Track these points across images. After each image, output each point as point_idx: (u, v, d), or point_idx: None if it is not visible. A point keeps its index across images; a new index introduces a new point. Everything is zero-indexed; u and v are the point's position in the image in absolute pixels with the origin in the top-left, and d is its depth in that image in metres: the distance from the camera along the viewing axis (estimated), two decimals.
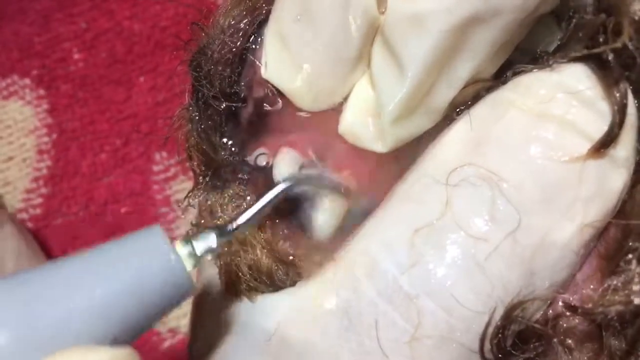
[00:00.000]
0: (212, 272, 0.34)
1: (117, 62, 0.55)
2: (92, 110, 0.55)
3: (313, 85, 0.28)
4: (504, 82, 0.27)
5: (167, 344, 0.54)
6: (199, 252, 0.25)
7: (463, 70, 0.26)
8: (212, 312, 0.33)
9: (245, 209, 0.27)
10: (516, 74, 0.26)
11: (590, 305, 0.25)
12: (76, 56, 0.55)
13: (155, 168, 0.55)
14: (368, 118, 0.28)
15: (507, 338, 0.25)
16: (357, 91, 0.29)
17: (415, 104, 0.27)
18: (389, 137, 0.27)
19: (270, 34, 0.29)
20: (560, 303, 0.26)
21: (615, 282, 0.25)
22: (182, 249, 0.25)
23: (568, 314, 0.25)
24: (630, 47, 0.24)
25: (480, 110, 0.27)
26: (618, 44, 0.24)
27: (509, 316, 0.24)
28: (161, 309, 0.25)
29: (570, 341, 0.26)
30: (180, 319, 0.54)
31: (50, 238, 0.54)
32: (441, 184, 0.26)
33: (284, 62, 0.28)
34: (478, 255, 0.25)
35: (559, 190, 0.25)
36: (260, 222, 0.30)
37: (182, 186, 0.55)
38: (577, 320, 0.26)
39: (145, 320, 0.24)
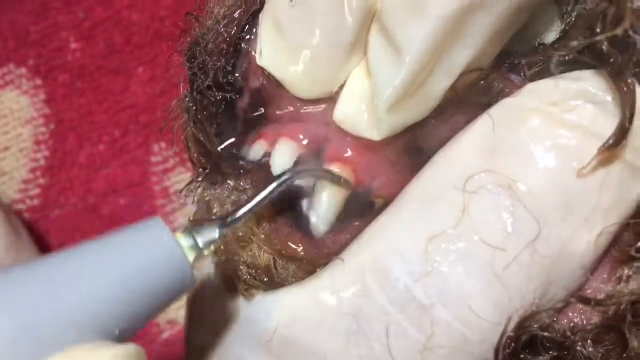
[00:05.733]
0: (209, 267, 0.33)
1: (115, 52, 0.54)
2: (90, 100, 0.54)
3: (309, 71, 0.28)
4: (508, 72, 0.26)
5: (165, 335, 0.54)
6: (201, 243, 0.25)
7: (461, 58, 0.26)
8: (209, 307, 0.33)
9: (245, 201, 0.27)
10: (529, 67, 0.26)
11: (602, 296, 0.25)
12: (73, 46, 0.54)
13: (154, 159, 0.54)
14: (363, 105, 0.28)
15: (519, 349, 0.24)
16: (353, 79, 0.28)
17: (412, 91, 0.26)
18: (384, 125, 0.27)
19: (265, 20, 0.28)
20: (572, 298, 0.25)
21: (626, 271, 0.25)
22: (183, 241, 0.25)
23: (581, 306, 0.25)
24: (632, 34, 0.23)
25: (499, 115, 0.26)
26: (618, 32, 0.23)
27: (522, 326, 0.24)
28: (164, 300, 0.24)
29: (586, 347, 0.25)
30: (179, 310, 0.54)
31: (48, 229, 0.54)
32: (458, 190, 0.25)
33: (279, 48, 0.28)
34: (496, 265, 0.24)
35: (579, 200, 0.24)
36: (259, 214, 0.30)
37: (180, 177, 0.55)
38: (591, 318, 0.25)
39: (148, 313, 0.24)
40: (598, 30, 0.23)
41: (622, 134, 0.24)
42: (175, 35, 0.31)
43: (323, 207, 0.29)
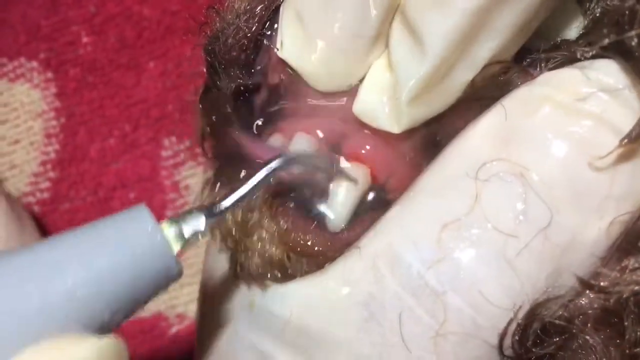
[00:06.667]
0: (220, 257, 0.34)
1: (127, 47, 0.54)
2: (101, 94, 0.54)
3: (329, 64, 0.28)
4: (527, 67, 0.26)
5: (175, 329, 0.54)
6: (186, 234, 0.25)
7: (484, 51, 0.26)
8: (221, 297, 0.33)
9: (234, 190, 0.26)
10: (547, 60, 0.26)
11: (606, 284, 0.25)
12: (85, 40, 0.54)
13: (164, 154, 0.54)
14: (384, 98, 0.28)
15: (529, 335, 0.24)
16: (374, 72, 0.28)
17: (434, 84, 0.26)
18: (405, 118, 0.27)
19: (286, 12, 0.28)
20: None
21: (632, 261, 0.25)
22: (169, 230, 0.24)
23: (584, 291, 0.25)
24: None
25: (512, 104, 0.26)
26: None
27: (532, 314, 0.24)
28: (148, 292, 0.24)
29: (588, 330, 0.25)
30: (188, 304, 0.54)
31: (58, 223, 0.54)
32: (470, 179, 0.25)
33: (300, 40, 0.28)
34: (508, 252, 0.24)
35: (591, 188, 0.24)
36: (250, 201, 0.29)
37: (191, 172, 0.55)
38: (593, 303, 0.25)
39: (132, 304, 0.23)
40: (627, 27, 0.23)
41: None
42: (186, 30, 0.31)
43: (339, 203, 0.29)
